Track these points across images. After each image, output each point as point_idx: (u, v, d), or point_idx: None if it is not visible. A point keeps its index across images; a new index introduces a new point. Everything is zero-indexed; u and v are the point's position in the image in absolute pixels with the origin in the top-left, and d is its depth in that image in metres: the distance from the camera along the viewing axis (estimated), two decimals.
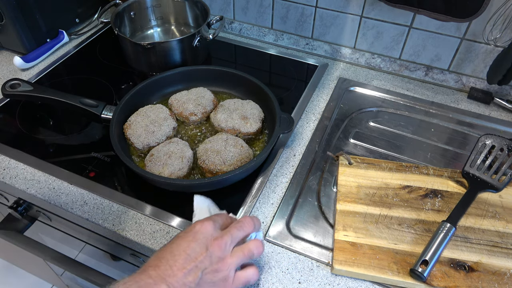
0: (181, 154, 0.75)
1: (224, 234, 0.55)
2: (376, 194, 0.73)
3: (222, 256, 0.54)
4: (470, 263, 0.63)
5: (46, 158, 0.81)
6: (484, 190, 0.74)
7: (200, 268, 0.52)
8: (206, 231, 0.54)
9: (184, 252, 0.52)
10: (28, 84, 0.85)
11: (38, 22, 1.05)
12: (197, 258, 0.52)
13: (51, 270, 1.30)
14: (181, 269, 0.51)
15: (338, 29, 1.03)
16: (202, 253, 0.52)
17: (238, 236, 0.56)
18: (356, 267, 0.63)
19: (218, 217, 0.58)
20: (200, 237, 0.54)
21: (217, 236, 0.55)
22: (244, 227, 0.57)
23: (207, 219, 0.56)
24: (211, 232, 0.55)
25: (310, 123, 0.90)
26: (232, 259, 0.55)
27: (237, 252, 0.56)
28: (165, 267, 0.51)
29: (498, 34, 0.85)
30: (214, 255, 0.53)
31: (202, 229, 0.54)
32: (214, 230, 0.55)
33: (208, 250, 0.53)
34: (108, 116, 0.80)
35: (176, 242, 0.54)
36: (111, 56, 1.09)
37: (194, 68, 0.92)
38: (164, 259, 0.52)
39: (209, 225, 0.55)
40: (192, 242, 0.53)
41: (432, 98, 0.97)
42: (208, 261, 0.53)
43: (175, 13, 1.14)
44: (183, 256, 0.52)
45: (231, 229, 0.56)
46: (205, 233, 0.54)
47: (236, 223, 0.58)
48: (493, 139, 0.78)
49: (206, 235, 0.54)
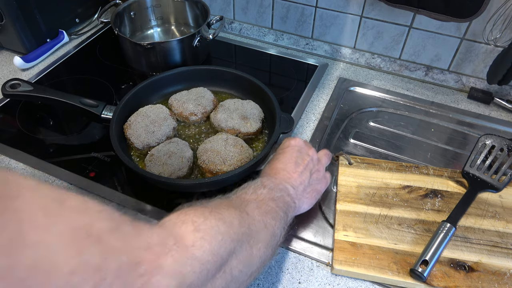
0: (181, 154, 0.75)
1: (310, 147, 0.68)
2: (376, 194, 0.73)
3: (317, 159, 0.68)
4: (470, 263, 0.63)
5: (46, 158, 0.81)
6: (484, 190, 0.74)
7: (308, 168, 0.65)
8: (300, 143, 0.67)
9: (292, 160, 0.64)
10: (28, 84, 0.85)
11: (38, 22, 1.05)
12: (304, 162, 0.64)
13: None
14: (295, 172, 0.63)
15: (338, 29, 1.03)
16: (306, 158, 0.65)
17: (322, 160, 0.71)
18: (356, 267, 0.63)
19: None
20: (299, 148, 0.66)
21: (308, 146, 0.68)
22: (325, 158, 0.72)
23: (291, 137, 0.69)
24: (303, 144, 0.68)
25: (310, 123, 0.90)
26: (323, 160, 0.70)
27: (323, 156, 0.70)
28: (283, 173, 0.62)
29: (498, 34, 0.85)
30: (314, 157, 0.67)
31: (296, 142, 0.67)
32: (302, 142, 0.68)
33: (309, 155, 0.66)
34: (108, 116, 0.80)
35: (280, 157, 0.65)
36: (111, 56, 1.09)
37: (194, 68, 0.92)
38: (279, 168, 0.63)
39: (299, 139, 0.68)
40: (294, 152, 0.65)
41: (432, 98, 0.97)
42: (312, 163, 0.66)
43: (175, 13, 1.14)
44: (293, 163, 0.64)
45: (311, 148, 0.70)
46: (300, 144, 0.67)
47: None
48: (493, 139, 0.78)
49: (301, 145, 0.67)
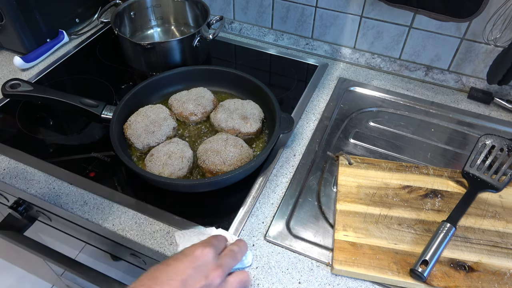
0: (181, 154, 0.75)
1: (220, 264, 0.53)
2: (376, 194, 0.73)
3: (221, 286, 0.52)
4: (470, 263, 0.63)
5: (46, 158, 0.81)
6: (484, 190, 0.74)
7: None
8: (207, 259, 0.52)
9: (181, 278, 0.49)
10: (28, 84, 0.85)
11: (38, 22, 1.05)
12: (194, 286, 0.50)
13: (51, 270, 1.30)
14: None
15: (338, 29, 1.03)
16: (200, 282, 0.50)
17: (231, 266, 0.56)
18: (356, 267, 0.63)
19: (216, 241, 0.57)
20: (200, 265, 0.52)
21: (216, 267, 0.53)
22: (238, 256, 0.58)
23: (208, 245, 0.54)
24: (211, 260, 0.53)
25: (310, 123, 0.90)
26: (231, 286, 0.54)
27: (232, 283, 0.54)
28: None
29: (498, 34, 0.85)
30: (214, 284, 0.51)
31: (203, 256, 0.52)
32: (214, 257, 0.53)
33: (207, 279, 0.51)
34: (108, 116, 0.80)
35: (172, 264, 0.51)
36: (111, 56, 1.09)
37: (194, 68, 0.92)
38: (159, 281, 0.49)
39: (210, 253, 0.53)
40: (189, 268, 0.51)
41: (432, 98, 0.97)
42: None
43: (175, 13, 1.14)
44: (179, 282, 0.49)
45: (226, 258, 0.56)
46: (206, 261, 0.52)
47: (229, 252, 0.57)
48: (493, 139, 0.78)
49: (207, 263, 0.52)
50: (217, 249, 0.55)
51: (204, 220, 0.71)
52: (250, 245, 0.68)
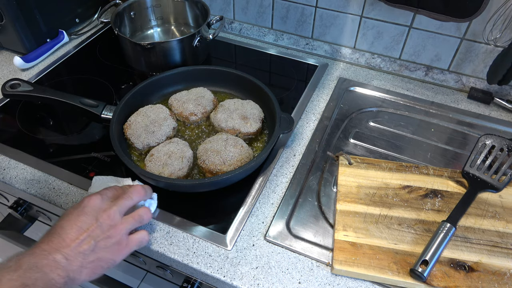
0: (181, 154, 0.75)
1: (112, 205, 0.59)
2: (376, 194, 0.73)
3: (112, 223, 0.58)
4: (470, 263, 0.63)
5: (46, 158, 0.81)
6: (484, 190, 0.74)
7: (92, 237, 0.56)
8: (94, 204, 0.58)
9: (75, 225, 0.56)
10: (28, 84, 0.85)
11: (38, 22, 1.05)
12: (88, 228, 0.56)
13: None
14: (74, 240, 0.54)
15: (338, 29, 1.03)
16: (92, 224, 0.56)
17: (126, 205, 0.61)
18: (356, 267, 0.63)
19: (107, 190, 0.62)
20: (89, 210, 0.57)
21: (106, 207, 0.59)
22: (133, 196, 0.62)
23: (95, 194, 0.60)
24: (99, 205, 0.59)
25: (310, 123, 0.90)
26: (122, 225, 0.59)
27: (128, 218, 0.60)
28: (58, 240, 0.54)
29: (498, 34, 0.85)
30: (105, 223, 0.57)
31: (90, 203, 0.58)
32: (102, 202, 0.59)
33: (98, 220, 0.57)
34: (108, 116, 0.80)
35: (65, 218, 0.57)
36: (111, 56, 1.09)
37: (194, 68, 0.92)
38: (55, 234, 0.55)
39: (97, 199, 0.59)
40: (81, 215, 0.57)
41: (432, 98, 0.97)
42: (99, 230, 0.57)
43: (175, 13, 1.14)
44: (75, 228, 0.55)
45: (119, 199, 0.61)
46: (93, 206, 0.58)
47: (124, 193, 0.62)
48: (493, 139, 0.78)
49: (95, 208, 0.58)
50: (105, 196, 0.60)
51: (204, 220, 0.71)
52: (250, 245, 0.68)
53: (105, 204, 0.59)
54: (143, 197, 0.65)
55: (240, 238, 0.69)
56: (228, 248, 0.67)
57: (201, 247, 0.68)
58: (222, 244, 0.68)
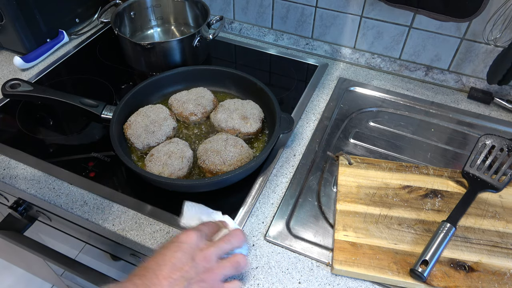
0: (181, 154, 0.75)
1: (210, 245, 0.56)
2: (376, 194, 0.73)
3: (208, 266, 0.54)
4: (470, 263, 0.63)
5: (46, 158, 0.81)
6: (484, 190, 0.74)
7: (186, 278, 0.52)
8: (192, 241, 0.55)
9: (170, 261, 0.52)
10: (28, 84, 0.85)
11: (38, 22, 1.05)
12: (182, 268, 0.52)
13: (51, 270, 1.30)
14: (166, 278, 0.51)
15: (338, 29, 1.03)
16: (187, 263, 0.53)
17: (225, 249, 0.57)
18: (356, 267, 0.63)
19: (204, 227, 0.59)
20: (186, 247, 0.54)
21: (203, 247, 0.55)
22: (232, 241, 0.59)
23: (193, 229, 0.57)
24: (196, 243, 0.55)
25: (310, 123, 0.90)
26: (219, 269, 0.55)
27: (224, 263, 0.56)
28: (151, 276, 0.51)
29: (498, 34, 0.85)
30: (200, 265, 0.54)
31: (188, 239, 0.55)
32: (199, 240, 0.56)
33: (194, 260, 0.54)
34: (108, 116, 0.80)
35: (161, 252, 0.54)
36: (111, 56, 1.09)
37: (194, 68, 0.92)
38: (150, 269, 0.52)
39: (194, 236, 0.56)
40: (177, 252, 0.54)
41: (432, 98, 0.97)
42: (194, 271, 0.53)
43: (175, 13, 1.14)
44: (169, 265, 0.52)
45: (219, 241, 0.57)
46: (191, 243, 0.55)
47: (225, 236, 0.59)
48: (493, 139, 0.78)
49: (192, 246, 0.55)
50: (203, 232, 0.58)
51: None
52: (250, 245, 0.68)
53: (202, 243, 0.56)
54: (242, 243, 0.61)
55: None
56: None
57: None
58: None
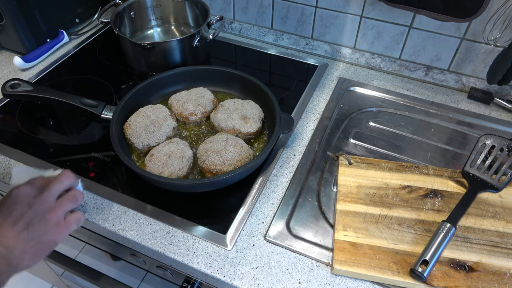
0: (181, 154, 0.75)
1: (44, 190, 0.60)
2: (376, 194, 0.73)
3: (47, 206, 0.59)
4: (470, 263, 0.63)
5: (46, 158, 0.81)
6: (484, 190, 0.74)
7: (28, 223, 0.56)
8: (24, 192, 0.59)
9: (10, 215, 0.56)
10: (28, 84, 0.85)
11: (38, 22, 1.05)
12: (23, 215, 0.56)
13: (51, 270, 1.30)
14: (10, 229, 0.55)
15: (338, 29, 1.03)
16: (26, 211, 0.57)
17: (58, 189, 0.62)
18: (356, 267, 0.63)
19: (34, 180, 0.62)
20: (20, 199, 0.58)
21: (37, 193, 0.59)
22: (63, 180, 0.63)
23: (23, 184, 0.60)
24: (30, 193, 0.59)
25: (310, 123, 0.90)
26: (58, 207, 0.60)
27: (62, 201, 0.61)
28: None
29: (498, 34, 0.85)
30: (39, 208, 0.58)
31: (19, 191, 0.59)
32: (32, 190, 0.60)
33: (30, 207, 0.57)
34: (108, 116, 0.80)
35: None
36: (111, 56, 1.09)
37: (194, 68, 0.92)
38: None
39: (26, 188, 0.59)
40: (13, 205, 0.57)
41: (432, 98, 0.97)
42: (34, 214, 0.57)
43: (175, 13, 1.14)
44: (11, 219, 0.56)
45: (50, 184, 0.61)
46: (23, 193, 0.59)
47: (55, 178, 0.63)
48: (493, 139, 0.78)
49: (26, 195, 0.58)
50: (34, 185, 0.61)
51: (204, 220, 0.71)
52: (250, 245, 0.68)
53: (35, 191, 0.60)
54: (73, 180, 0.65)
55: (240, 238, 0.69)
56: (228, 248, 0.67)
57: (201, 247, 0.68)
58: (222, 244, 0.68)
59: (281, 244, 0.68)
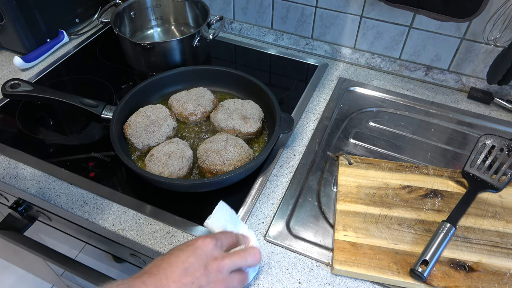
0: (181, 154, 0.75)
1: (225, 257, 0.55)
2: (376, 194, 0.73)
3: (220, 277, 0.54)
4: (470, 263, 0.63)
5: (46, 158, 0.81)
6: (484, 190, 0.74)
7: (195, 285, 0.51)
8: (207, 248, 0.54)
9: (182, 265, 0.52)
10: (28, 84, 0.85)
11: (38, 22, 1.05)
12: (194, 274, 0.52)
13: (51, 270, 1.30)
14: (176, 282, 0.50)
15: (338, 29, 1.03)
16: (200, 270, 0.52)
17: (238, 265, 0.57)
18: (356, 267, 0.63)
19: (223, 236, 0.58)
20: (200, 254, 0.54)
21: (218, 257, 0.55)
22: (248, 258, 0.58)
23: (211, 236, 0.56)
24: (212, 251, 0.55)
25: (310, 123, 0.90)
26: (228, 282, 0.55)
27: (234, 277, 0.56)
28: (161, 277, 0.51)
29: (498, 34, 0.85)
30: (212, 275, 0.53)
31: (203, 246, 0.54)
32: (215, 249, 0.55)
33: (206, 268, 0.53)
34: (108, 116, 0.80)
35: (175, 253, 0.54)
36: (111, 56, 1.09)
37: (194, 68, 0.92)
38: (161, 268, 0.52)
39: (211, 243, 0.55)
40: (191, 257, 0.53)
41: (432, 98, 0.97)
42: (205, 279, 0.52)
43: (175, 13, 1.14)
44: (181, 269, 0.52)
45: (234, 255, 0.56)
46: (206, 250, 0.54)
47: (242, 251, 0.58)
48: (493, 139, 0.78)
49: (207, 253, 0.54)
50: (219, 241, 0.56)
51: (204, 220, 0.71)
52: None
53: (217, 252, 0.55)
54: (257, 263, 0.60)
55: None
56: None
57: None
58: None
59: (281, 244, 0.68)
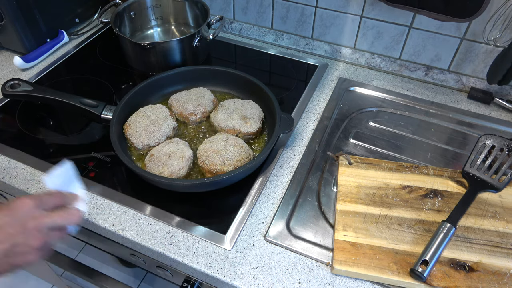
0: (181, 154, 0.75)
1: (45, 216, 0.55)
2: (376, 194, 0.73)
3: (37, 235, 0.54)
4: (470, 263, 0.63)
5: (46, 158, 0.81)
6: (484, 190, 0.74)
7: (10, 241, 0.52)
8: (25, 209, 0.54)
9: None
10: (28, 84, 0.85)
11: (38, 22, 1.05)
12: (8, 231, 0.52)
13: (51, 270, 1.30)
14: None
15: (338, 29, 1.03)
16: (14, 227, 0.53)
17: (59, 223, 0.57)
18: (356, 267, 0.63)
19: (47, 196, 0.58)
20: (17, 213, 0.54)
21: (37, 216, 0.54)
22: (68, 218, 0.57)
23: (30, 197, 0.56)
24: (31, 211, 0.54)
25: (310, 123, 0.90)
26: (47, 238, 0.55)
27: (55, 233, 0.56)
28: None
29: (498, 34, 0.85)
30: (29, 232, 0.53)
31: (20, 205, 0.54)
32: (34, 208, 0.55)
33: (23, 226, 0.53)
34: (108, 116, 0.80)
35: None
36: (111, 56, 1.09)
37: (194, 68, 0.92)
38: None
39: (30, 203, 0.55)
40: (7, 216, 0.53)
41: (432, 98, 0.97)
42: (22, 237, 0.53)
43: (175, 13, 1.14)
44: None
45: (55, 215, 0.56)
46: (24, 211, 0.54)
47: (63, 212, 0.57)
48: (493, 139, 0.78)
49: (25, 213, 0.54)
50: (42, 202, 0.56)
51: (204, 220, 0.71)
52: (250, 245, 0.68)
53: (38, 212, 0.55)
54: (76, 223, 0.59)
55: (240, 238, 0.69)
56: (228, 248, 0.67)
57: (201, 247, 0.68)
58: (222, 244, 0.68)
59: (281, 244, 0.68)
